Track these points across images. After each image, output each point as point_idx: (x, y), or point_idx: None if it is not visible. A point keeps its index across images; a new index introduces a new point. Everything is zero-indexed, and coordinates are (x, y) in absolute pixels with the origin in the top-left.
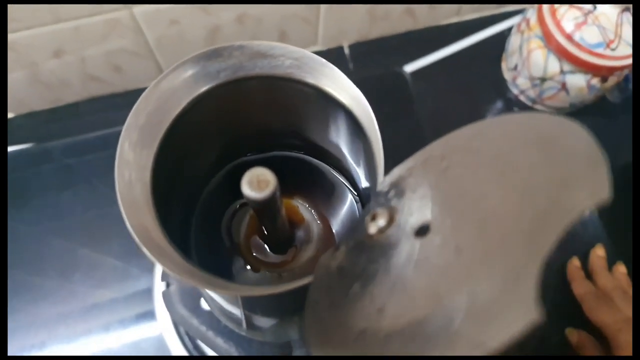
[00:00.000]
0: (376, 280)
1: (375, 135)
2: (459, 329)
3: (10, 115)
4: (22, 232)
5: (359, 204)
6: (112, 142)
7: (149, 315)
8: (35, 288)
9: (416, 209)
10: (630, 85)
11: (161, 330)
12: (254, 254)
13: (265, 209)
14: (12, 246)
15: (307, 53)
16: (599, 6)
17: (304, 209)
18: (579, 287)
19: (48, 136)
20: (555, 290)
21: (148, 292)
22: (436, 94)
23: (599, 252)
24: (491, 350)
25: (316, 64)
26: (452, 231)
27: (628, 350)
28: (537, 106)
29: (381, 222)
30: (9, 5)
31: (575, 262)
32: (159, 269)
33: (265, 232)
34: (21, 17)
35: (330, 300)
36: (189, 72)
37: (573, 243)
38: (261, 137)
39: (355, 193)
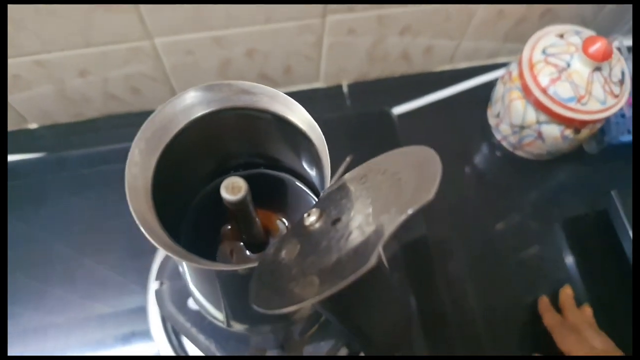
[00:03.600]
0: (304, 254)
1: (326, 158)
2: (341, 273)
3: (34, 125)
4: (31, 235)
5: None
6: (124, 157)
7: (144, 334)
8: (35, 292)
9: (335, 208)
10: (607, 138)
11: (157, 349)
12: (233, 251)
13: (239, 209)
14: (21, 248)
15: (280, 93)
16: (573, 64)
17: (278, 220)
18: (550, 319)
19: (67, 147)
20: (526, 324)
21: (142, 311)
22: (424, 136)
23: (567, 291)
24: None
25: (286, 102)
26: (351, 222)
27: None
28: (518, 152)
29: (313, 218)
30: (44, 27)
31: (545, 299)
32: (153, 273)
33: (242, 232)
34: (55, 40)
35: (270, 270)
36: (188, 100)
37: (544, 282)
38: (243, 155)
39: None
